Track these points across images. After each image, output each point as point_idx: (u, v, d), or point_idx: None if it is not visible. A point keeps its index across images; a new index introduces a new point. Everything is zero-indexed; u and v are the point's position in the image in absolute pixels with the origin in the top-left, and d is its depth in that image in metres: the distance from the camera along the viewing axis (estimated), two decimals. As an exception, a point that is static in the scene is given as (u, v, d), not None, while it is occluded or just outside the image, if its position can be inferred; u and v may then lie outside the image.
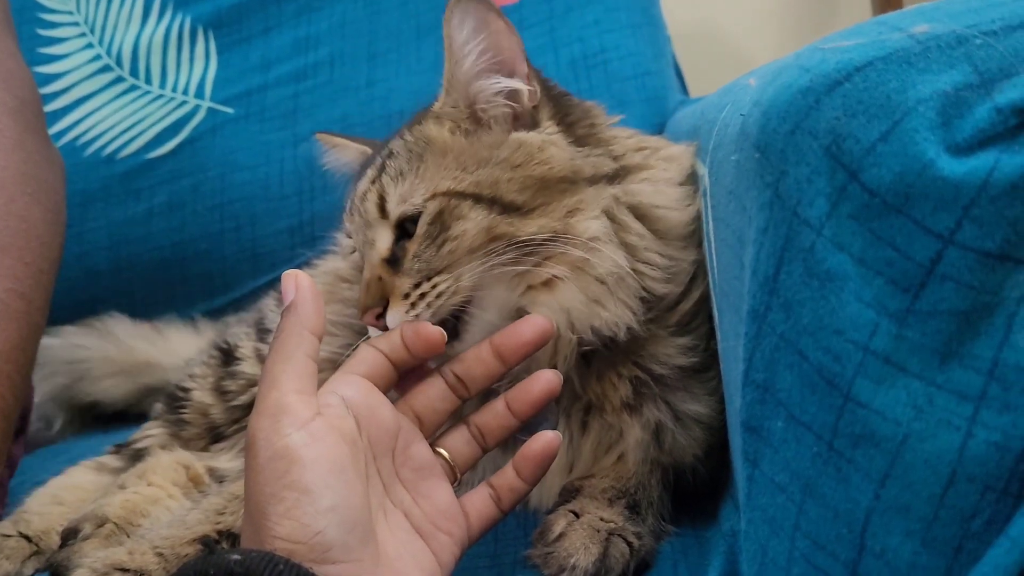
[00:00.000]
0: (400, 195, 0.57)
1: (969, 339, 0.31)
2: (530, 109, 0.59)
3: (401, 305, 0.54)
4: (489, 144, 0.58)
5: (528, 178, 0.56)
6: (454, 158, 0.57)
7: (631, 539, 0.52)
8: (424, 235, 0.55)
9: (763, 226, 0.36)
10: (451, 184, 0.56)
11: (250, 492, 0.43)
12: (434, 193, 0.56)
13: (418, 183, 0.57)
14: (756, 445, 0.38)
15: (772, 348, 0.36)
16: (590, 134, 0.60)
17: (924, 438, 0.32)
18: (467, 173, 0.56)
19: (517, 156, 0.57)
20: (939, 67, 0.31)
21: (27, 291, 0.67)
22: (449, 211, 0.55)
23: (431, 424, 0.53)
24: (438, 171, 0.57)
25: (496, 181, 0.56)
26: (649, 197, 0.58)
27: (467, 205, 0.55)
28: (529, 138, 0.58)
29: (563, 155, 0.57)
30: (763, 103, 0.36)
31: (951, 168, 0.30)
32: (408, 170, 0.58)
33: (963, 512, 0.31)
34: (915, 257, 0.31)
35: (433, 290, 0.54)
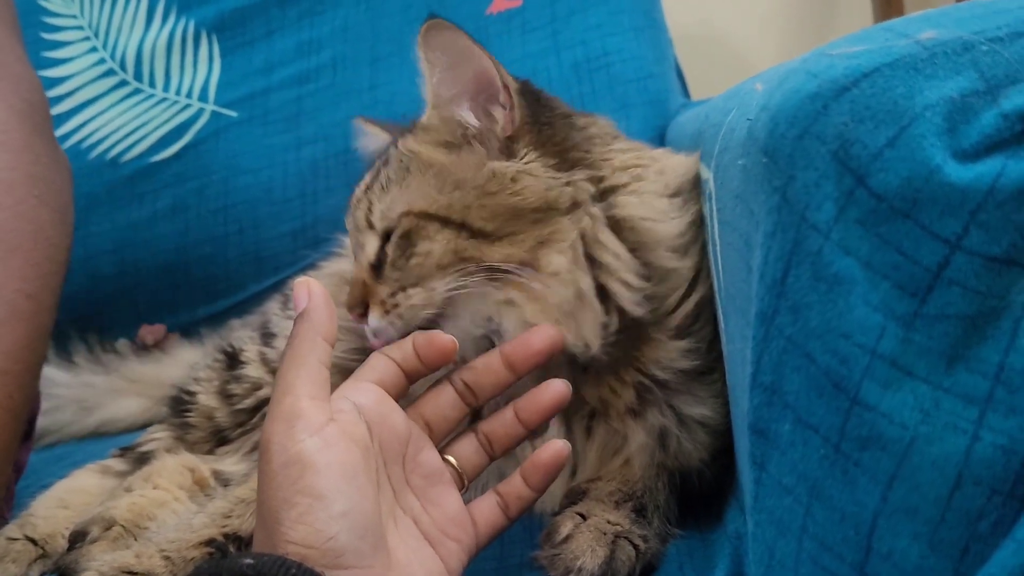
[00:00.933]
0: (383, 209, 0.59)
1: (976, 343, 0.31)
2: (504, 139, 0.59)
3: (378, 310, 0.57)
4: (469, 164, 0.58)
5: (499, 207, 0.56)
6: (434, 175, 0.58)
7: (637, 542, 0.53)
8: (395, 248, 0.58)
9: (771, 230, 0.36)
10: (423, 205, 0.57)
11: (263, 497, 0.44)
12: (409, 211, 0.57)
13: (399, 196, 0.59)
14: (763, 448, 0.38)
15: (780, 351, 0.36)
16: (584, 158, 0.60)
17: (931, 441, 0.32)
18: (442, 194, 0.57)
19: (490, 185, 0.57)
20: (945, 73, 0.32)
21: (35, 292, 0.67)
22: (416, 231, 0.57)
23: (440, 432, 0.53)
24: (418, 187, 0.58)
25: (468, 206, 0.56)
26: (634, 209, 0.58)
27: (434, 227, 0.56)
28: (502, 168, 0.57)
29: (538, 186, 0.57)
30: (771, 108, 0.36)
31: (957, 174, 0.30)
32: (395, 181, 0.60)
33: (970, 515, 0.32)
34: (922, 262, 0.31)
35: (406, 301, 0.56)
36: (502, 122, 0.59)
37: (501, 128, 0.59)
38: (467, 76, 0.59)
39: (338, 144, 1.20)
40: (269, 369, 0.82)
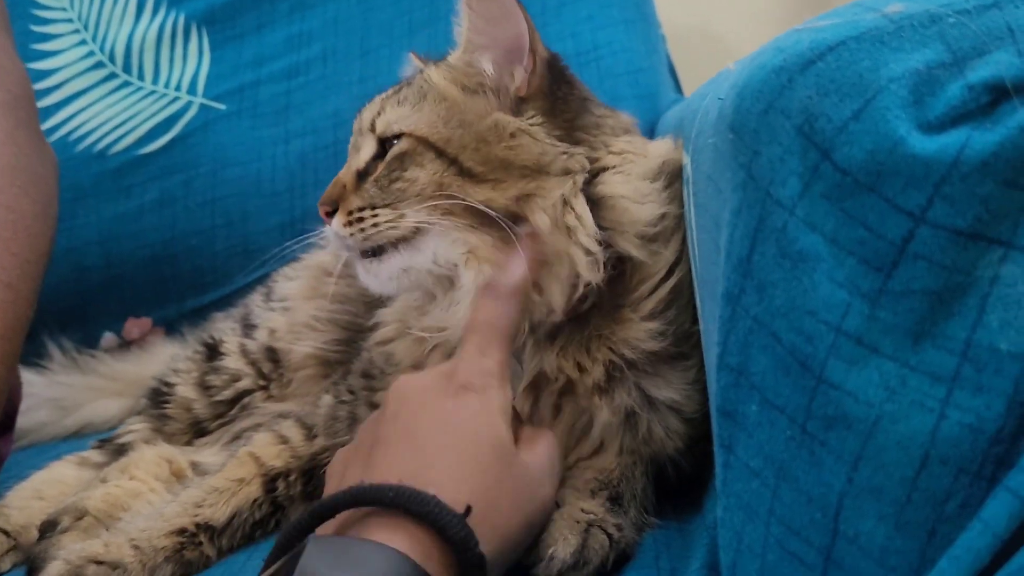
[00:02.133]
0: (389, 117, 0.61)
1: (942, 319, 0.31)
2: (516, 97, 0.60)
3: (343, 218, 0.59)
4: (477, 109, 0.60)
5: (492, 155, 0.58)
6: (445, 108, 0.60)
7: (611, 530, 0.52)
8: (386, 165, 0.60)
9: (737, 207, 0.35)
10: (427, 131, 0.59)
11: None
12: (412, 133, 0.59)
13: (409, 114, 0.61)
14: (731, 430, 0.37)
15: (746, 331, 0.36)
16: (588, 140, 0.61)
17: (897, 420, 0.31)
18: (446, 127, 0.59)
19: (489, 134, 0.58)
20: (912, 46, 0.31)
21: (14, 281, 0.67)
22: (411, 154, 0.59)
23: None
24: (428, 114, 0.60)
25: (464, 146, 0.58)
26: (615, 188, 0.58)
27: (429, 156, 0.58)
28: (505, 121, 0.59)
29: (534, 148, 0.58)
30: (738, 84, 0.36)
31: (922, 145, 0.29)
32: (410, 101, 0.62)
33: (936, 495, 0.31)
34: (887, 236, 0.31)
35: (372, 219, 0.58)
36: (519, 81, 0.60)
37: (516, 87, 0.60)
38: (500, 31, 0.61)
39: (327, 137, 1.20)
40: (249, 361, 0.82)
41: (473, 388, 0.50)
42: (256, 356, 0.82)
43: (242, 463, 0.64)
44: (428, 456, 0.47)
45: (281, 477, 0.64)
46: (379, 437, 0.50)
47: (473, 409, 0.49)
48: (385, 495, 0.43)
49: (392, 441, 0.49)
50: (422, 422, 0.49)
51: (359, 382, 0.67)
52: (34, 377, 1.00)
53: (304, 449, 0.66)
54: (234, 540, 0.60)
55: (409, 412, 0.50)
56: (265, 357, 0.82)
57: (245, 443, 0.68)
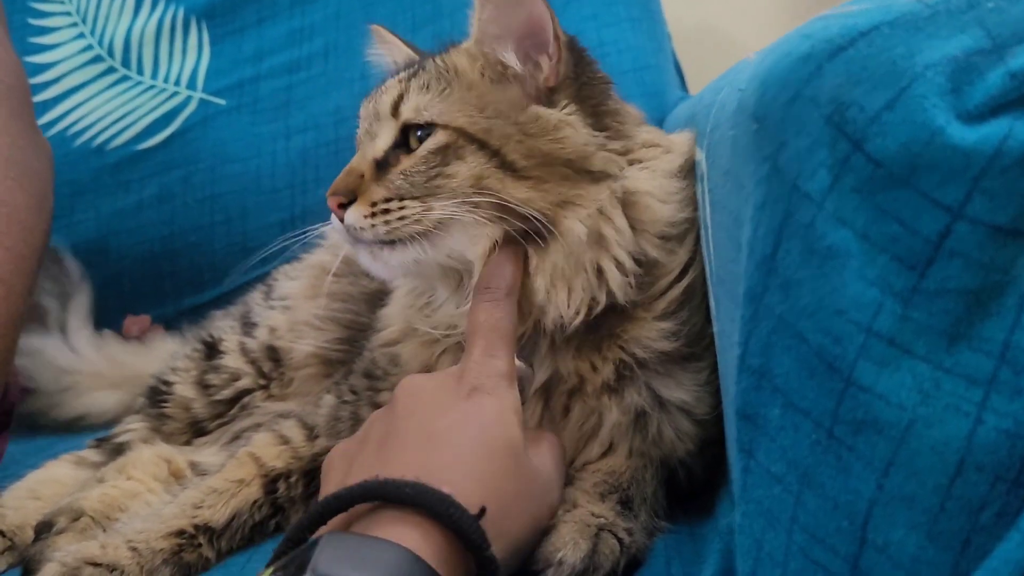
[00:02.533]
0: (417, 103, 0.58)
1: (979, 320, 0.29)
2: (545, 89, 0.58)
3: (365, 209, 0.56)
4: (509, 99, 0.58)
5: (537, 149, 0.56)
6: (477, 97, 0.58)
7: (621, 535, 0.51)
8: (422, 159, 0.56)
9: (760, 202, 0.34)
10: (465, 122, 0.56)
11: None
12: (448, 124, 0.56)
13: (438, 102, 0.58)
14: (751, 434, 0.36)
15: (769, 331, 0.34)
16: (614, 127, 0.60)
17: (931, 424, 0.30)
18: (483, 117, 0.57)
19: (532, 127, 0.56)
20: (948, 31, 0.29)
21: (7, 276, 0.66)
22: (454, 148, 0.56)
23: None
24: (460, 102, 0.58)
25: (507, 136, 0.56)
26: (642, 183, 0.57)
27: (471, 149, 0.56)
28: (547, 114, 0.57)
29: (577, 138, 0.56)
30: (761, 73, 0.34)
31: (961, 136, 0.28)
32: (434, 86, 0.59)
33: (971, 503, 0.30)
34: (922, 232, 0.29)
35: (399, 211, 0.55)
36: (547, 71, 0.58)
37: (544, 78, 0.58)
38: (519, 19, 0.58)
39: (329, 134, 1.19)
40: (249, 360, 0.80)
41: (485, 390, 0.49)
42: (256, 355, 0.81)
43: (242, 464, 0.63)
44: (444, 455, 0.46)
45: (282, 478, 0.63)
46: (392, 431, 0.49)
47: (487, 411, 0.49)
48: (403, 491, 0.42)
49: (408, 437, 0.48)
50: (439, 421, 0.48)
51: (362, 382, 0.66)
52: (52, 341, 1.00)
53: (305, 450, 0.65)
54: (233, 542, 0.59)
55: (424, 410, 0.49)
56: (265, 356, 0.81)
57: (245, 443, 0.67)
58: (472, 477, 0.45)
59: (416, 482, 0.43)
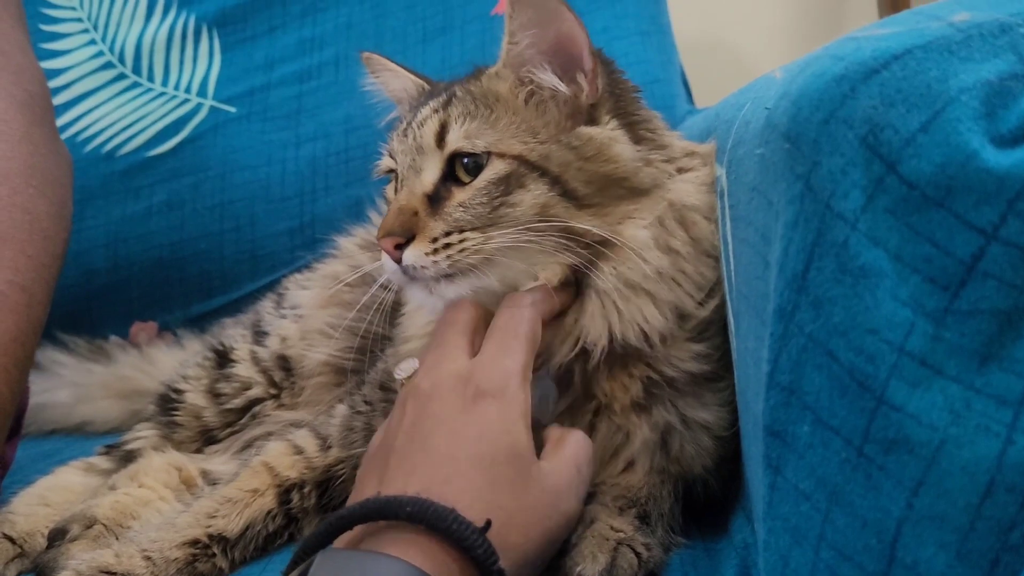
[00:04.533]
0: (465, 131, 0.56)
1: (1010, 341, 0.30)
2: (587, 107, 0.58)
3: (425, 246, 0.54)
4: (556, 123, 0.57)
5: (595, 173, 0.55)
6: (524, 122, 0.57)
7: (640, 549, 0.51)
8: (483, 190, 0.55)
9: (792, 220, 0.34)
10: (523, 150, 0.55)
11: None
12: (506, 153, 0.55)
13: (487, 129, 0.56)
14: (780, 451, 0.36)
15: (799, 349, 0.34)
16: (649, 138, 0.59)
17: (961, 444, 0.30)
18: (538, 143, 0.56)
19: (587, 149, 0.56)
20: (982, 55, 0.30)
21: (28, 284, 0.66)
22: (516, 177, 0.55)
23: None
24: (509, 128, 0.56)
25: (567, 164, 0.55)
26: (689, 198, 0.57)
27: (532, 177, 0.55)
28: (596, 133, 0.56)
29: (628, 154, 0.56)
30: (792, 93, 0.35)
31: (996, 160, 0.28)
32: (477, 114, 0.57)
33: (1001, 523, 0.30)
34: (956, 253, 0.29)
35: (460, 243, 0.54)
36: (587, 89, 0.58)
37: (586, 95, 0.58)
38: (553, 38, 0.57)
39: (338, 143, 1.19)
40: (260, 368, 0.80)
41: (491, 393, 0.48)
42: (267, 364, 0.81)
43: (256, 473, 0.62)
44: (444, 468, 0.46)
45: (295, 489, 0.62)
46: (394, 447, 0.49)
47: (490, 417, 0.48)
48: (402, 509, 0.42)
49: (407, 452, 0.48)
50: (438, 433, 0.48)
51: (376, 394, 0.66)
52: (66, 358, 1.01)
53: (319, 460, 0.64)
54: (247, 552, 0.59)
55: (424, 421, 0.49)
56: (276, 365, 0.81)
57: (257, 452, 0.67)
58: (473, 490, 0.45)
59: (416, 498, 0.42)
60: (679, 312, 0.55)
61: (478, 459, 0.46)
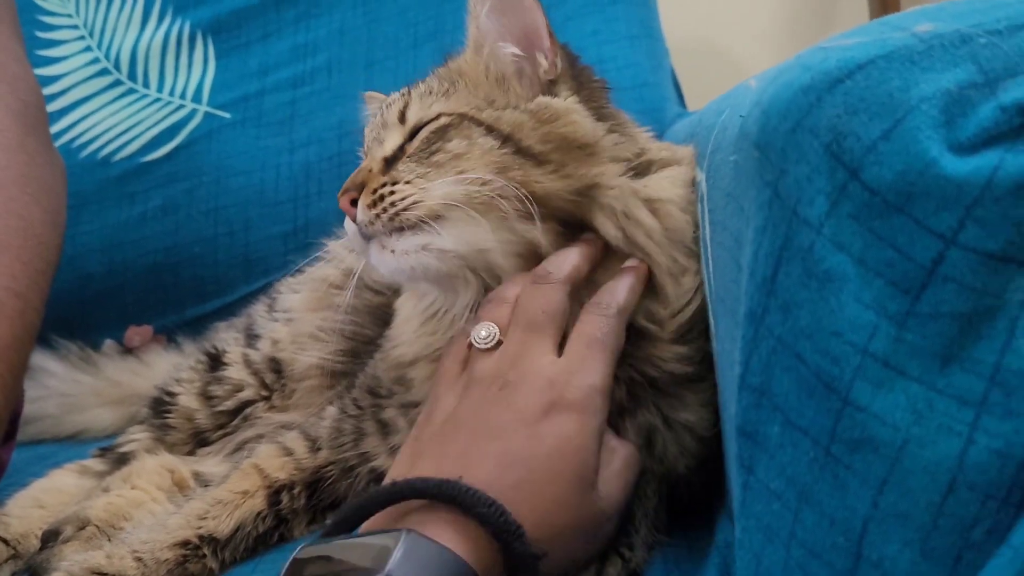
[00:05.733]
0: (422, 106, 0.59)
1: (971, 343, 0.30)
2: (546, 82, 0.60)
3: (367, 198, 0.54)
4: (514, 95, 0.59)
5: (551, 133, 0.56)
6: (484, 93, 0.59)
7: (623, 550, 0.52)
8: (422, 140, 0.57)
9: (761, 225, 0.35)
10: (468, 110, 0.57)
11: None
12: (449, 112, 0.57)
13: (443, 100, 0.59)
14: (751, 451, 0.37)
15: (769, 351, 0.35)
16: (616, 125, 0.60)
17: (924, 444, 0.31)
18: (492, 108, 0.58)
19: (544, 113, 0.57)
20: (943, 65, 0.31)
21: (23, 290, 0.66)
22: (455, 127, 0.57)
23: None
24: (464, 98, 0.59)
25: (520, 124, 0.56)
26: (663, 191, 0.57)
27: (479, 131, 0.56)
28: (554, 102, 0.58)
29: (587, 123, 0.57)
30: (763, 102, 0.36)
31: (954, 167, 0.29)
32: (438, 91, 0.60)
33: (963, 521, 0.30)
34: (916, 258, 0.30)
35: (395, 194, 0.54)
36: (545, 65, 0.60)
37: (545, 71, 0.60)
38: (516, 23, 0.61)
39: (331, 148, 1.20)
40: (252, 371, 0.81)
41: (576, 407, 0.47)
42: (259, 366, 0.82)
43: (246, 475, 0.63)
44: (515, 472, 0.45)
45: (285, 490, 0.63)
46: (463, 423, 0.47)
47: (569, 432, 0.46)
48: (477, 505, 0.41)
49: (480, 434, 0.46)
50: (518, 432, 0.46)
51: (366, 399, 0.66)
52: (56, 367, 1.02)
53: (308, 462, 0.65)
54: (237, 553, 0.60)
55: (503, 412, 0.47)
56: (268, 367, 0.82)
57: (247, 454, 0.68)
58: (539, 506, 0.44)
59: (495, 504, 0.41)
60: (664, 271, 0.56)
61: (551, 474, 0.45)
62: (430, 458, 0.47)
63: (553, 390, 0.47)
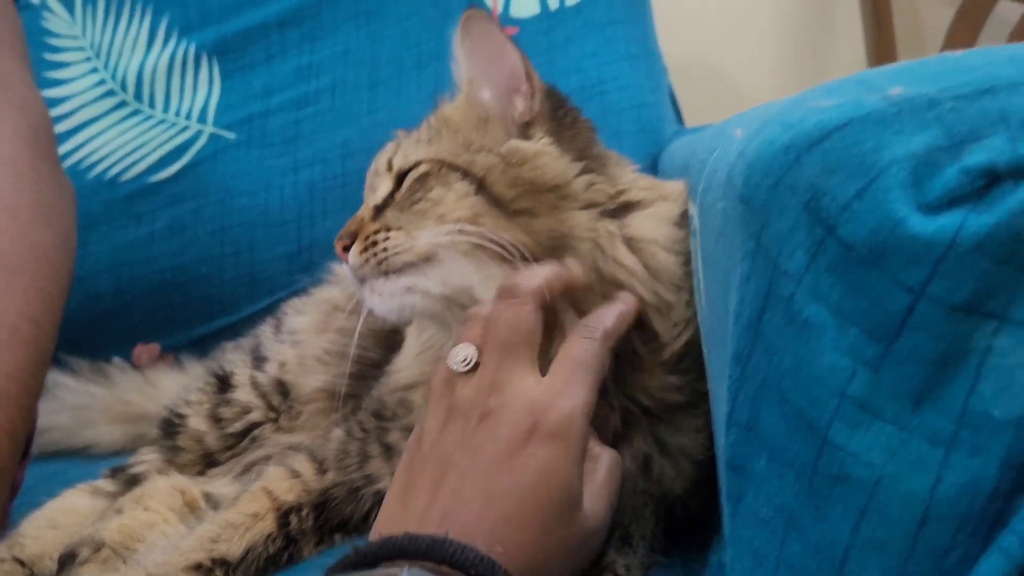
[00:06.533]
0: (407, 151, 0.63)
1: (940, 387, 0.33)
2: (521, 124, 0.62)
3: (360, 245, 0.59)
4: (493, 138, 0.62)
5: (519, 178, 0.58)
6: (463, 138, 0.62)
7: (620, 571, 0.54)
8: (406, 189, 0.60)
9: (747, 274, 0.37)
10: (447, 155, 0.60)
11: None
12: (429, 158, 0.61)
13: (425, 146, 0.63)
14: (739, 483, 0.39)
15: (755, 390, 0.37)
16: (595, 165, 0.62)
17: (898, 479, 0.33)
18: (467, 152, 0.60)
19: (513, 157, 0.59)
20: (912, 128, 0.33)
21: (37, 315, 0.69)
22: (435, 175, 0.59)
23: None
24: (446, 144, 0.62)
25: (491, 167, 0.59)
26: (648, 232, 0.59)
27: (455, 176, 0.59)
28: (524, 145, 0.61)
29: (556, 165, 0.59)
30: (747, 156, 0.38)
31: (922, 226, 0.32)
32: (425, 139, 0.64)
33: (936, 550, 0.33)
34: (889, 309, 0.32)
35: (385, 240, 0.58)
36: (521, 108, 0.62)
37: (520, 113, 0.62)
38: (496, 65, 0.63)
39: (335, 168, 1.22)
40: (259, 393, 0.83)
41: (558, 434, 0.47)
42: (266, 388, 0.84)
43: (255, 498, 0.65)
44: (504, 506, 0.45)
45: (293, 511, 0.65)
46: (452, 460, 0.48)
47: (553, 461, 0.47)
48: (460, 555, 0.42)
49: (468, 471, 0.47)
50: (502, 466, 0.46)
51: (371, 421, 0.68)
52: (68, 380, 1.04)
53: (315, 484, 0.67)
54: (248, 574, 0.62)
55: (487, 443, 0.47)
56: (275, 389, 0.84)
57: (256, 476, 0.70)
58: (523, 542, 0.44)
59: (482, 557, 0.42)
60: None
61: (536, 505, 0.46)
62: (421, 495, 0.48)
63: (534, 415, 0.48)
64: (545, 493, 0.46)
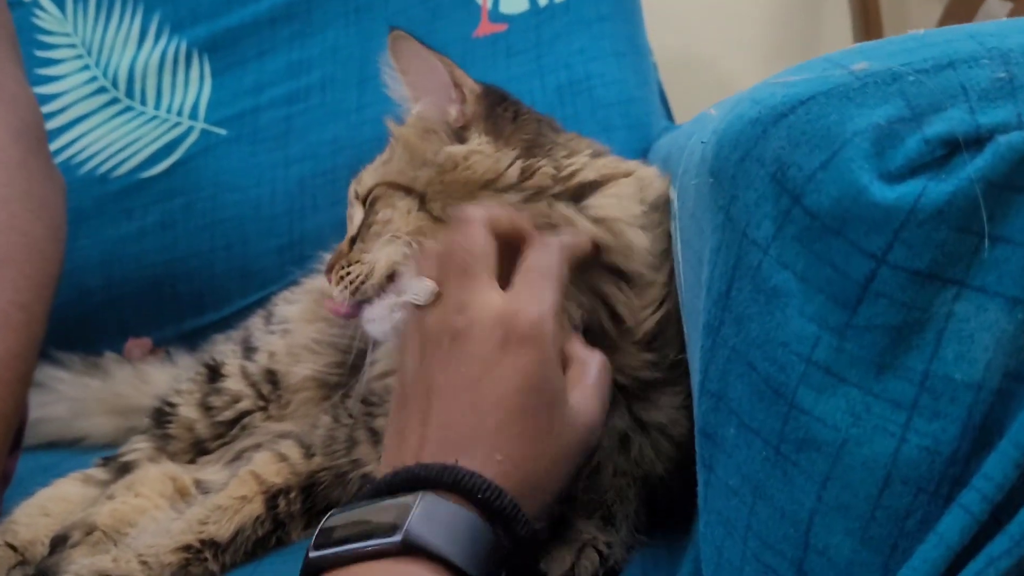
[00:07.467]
0: (363, 180, 0.66)
1: (903, 352, 0.34)
2: (456, 129, 0.64)
3: (334, 280, 0.62)
4: (432, 149, 0.63)
5: (453, 182, 0.60)
6: (409, 155, 0.64)
7: (602, 548, 0.55)
8: (363, 219, 0.63)
9: (716, 246, 0.38)
10: (394, 176, 0.63)
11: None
12: (379, 181, 0.63)
13: (380, 169, 0.65)
14: (711, 451, 0.40)
15: (725, 360, 0.38)
16: (542, 154, 0.62)
17: (861, 443, 0.34)
18: (412, 169, 0.62)
19: (448, 163, 0.61)
20: (875, 101, 0.34)
21: (28, 303, 0.70)
22: (384, 198, 0.62)
23: None
24: (396, 164, 0.64)
25: (429, 180, 0.61)
26: (612, 211, 0.59)
27: (399, 195, 0.61)
28: (455, 149, 0.62)
29: (487, 161, 0.60)
30: (719, 131, 0.39)
31: (883, 194, 0.33)
32: (381, 162, 0.66)
33: (898, 512, 0.34)
34: (852, 275, 0.33)
35: (348, 275, 0.60)
36: (455, 115, 0.64)
37: (454, 119, 0.64)
38: (426, 78, 0.65)
39: (325, 163, 1.23)
40: (249, 383, 0.84)
41: (530, 338, 0.47)
42: (256, 378, 0.85)
43: (244, 481, 0.66)
44: (493, 417, 0.46)
45: (281, 494, 0.66)
46: (436, 388, 0.48)
47: (531, 365, 0.47)
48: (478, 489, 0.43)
49: (452, 398, 0.47)
50: (485, 380, 0.47)
51: (359, 408, 0.69)
52: (63, 374, 1.05)
53: (303, 467, 0.68)
54: (237, 556, 0.63)
55: (464, 364, 0.48)
56: (264, 379, 0.85)
57: (246, 462, 0.71)
58: (514, 452, 0.45)
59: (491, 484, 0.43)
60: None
61: (523, 407, 0.46)
62: (413, 427, 0.48)
63: (503, 326, 0.48)
64: (530, 395, 0.47)
